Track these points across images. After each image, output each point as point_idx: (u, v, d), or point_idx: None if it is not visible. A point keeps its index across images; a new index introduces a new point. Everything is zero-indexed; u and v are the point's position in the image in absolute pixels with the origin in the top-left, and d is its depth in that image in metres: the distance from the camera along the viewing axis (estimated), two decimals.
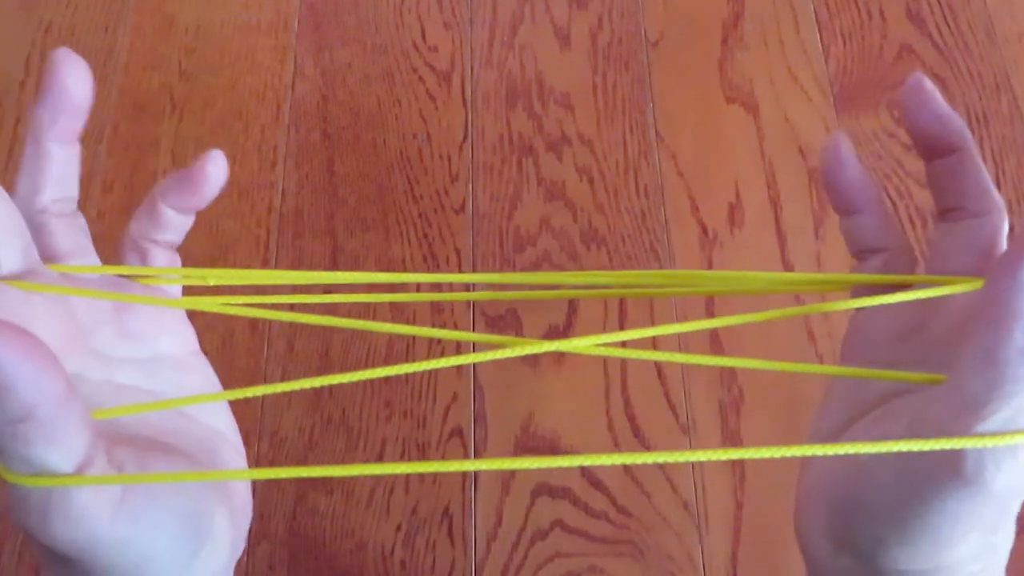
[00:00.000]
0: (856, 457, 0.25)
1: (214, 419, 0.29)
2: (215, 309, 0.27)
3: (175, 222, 0.28)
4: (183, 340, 0.29)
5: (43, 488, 0.20)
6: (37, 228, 0.26)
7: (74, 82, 0.25)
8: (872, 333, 0.30)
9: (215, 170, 0.28)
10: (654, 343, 0.68)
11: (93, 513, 0.21)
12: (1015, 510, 0.24)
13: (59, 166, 0.26)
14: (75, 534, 0.21)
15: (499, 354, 0.22)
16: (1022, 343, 0.20)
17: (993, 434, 0.21)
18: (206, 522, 0.25)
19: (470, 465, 0.20)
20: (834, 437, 0.28)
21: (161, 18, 0.82)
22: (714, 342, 0.68)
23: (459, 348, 0.68)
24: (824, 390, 0.31)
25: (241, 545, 0.28)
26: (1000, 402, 0.21)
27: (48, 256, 0.26)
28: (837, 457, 0.26)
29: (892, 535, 0.24)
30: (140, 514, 0.22)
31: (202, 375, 0.29)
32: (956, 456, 0.21)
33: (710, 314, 0.70)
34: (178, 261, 0.30)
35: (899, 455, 0.23)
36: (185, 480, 0.24)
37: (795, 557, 0.65)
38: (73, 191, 0.27)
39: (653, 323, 0.69)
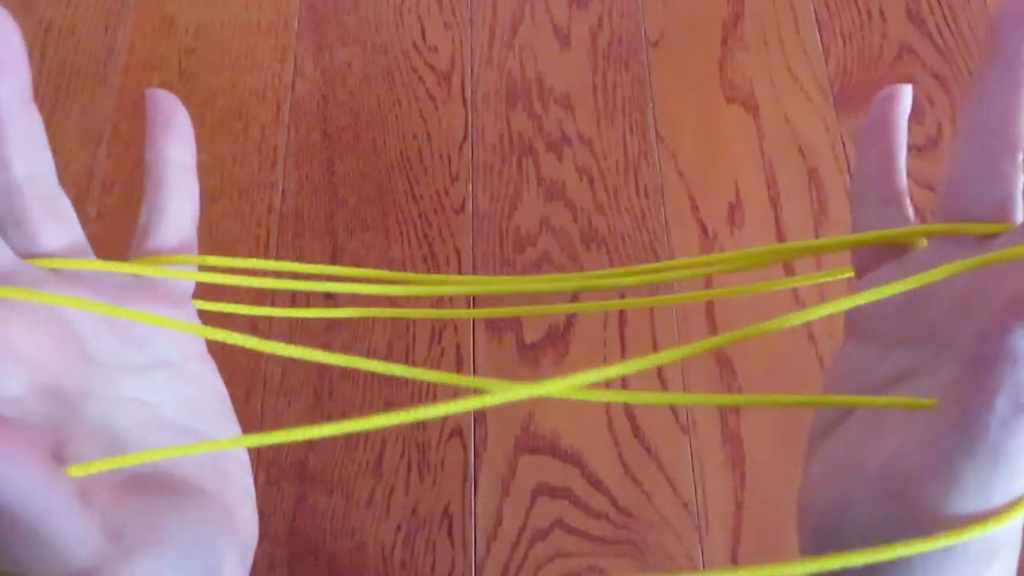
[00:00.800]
0: (837, 490, 0.24)
1: (221, 434, 0.27)
2: (214, 337, 0.25)
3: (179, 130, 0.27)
4: (189, 343, 0.27)
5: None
6: (14, 216, 0.23)
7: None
8: (873, 306, 0.27)
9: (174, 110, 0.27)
10: (654, 346, 0.68)
11: None
12: (1007, 557, 0.22)
13: (18, 130, 0.23)
14: None
15: (479, 401, 0.21)
16: (1005, 413, 0.18)
17: (966, 516, 0.19)
18: (215, 570, 0.23)
19: None
20: (833, 427, 0.27)
21: (161, 18, 0.82)
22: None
23: (458, 353, 0.68)
24: (824, 378, 0.30)
25: None
26: (975, 473, 0.19)
27: (32, 252, 0.23)
28: (823, 479, 0.25)
29: (876, 573, 0.22)
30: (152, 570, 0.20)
31: (209, 386, 0.27)
32: (930, 522, 0.20)
33: (711, 318, 0.70)
34: (194, 247, 0.27)
35: (874, 509, 0.21)
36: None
37: (795, 557, 0.65)
38: (48, 166, 0.24)
39: (653, 325, 0.69)
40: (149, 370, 0.25)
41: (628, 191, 0.74)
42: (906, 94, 0.28)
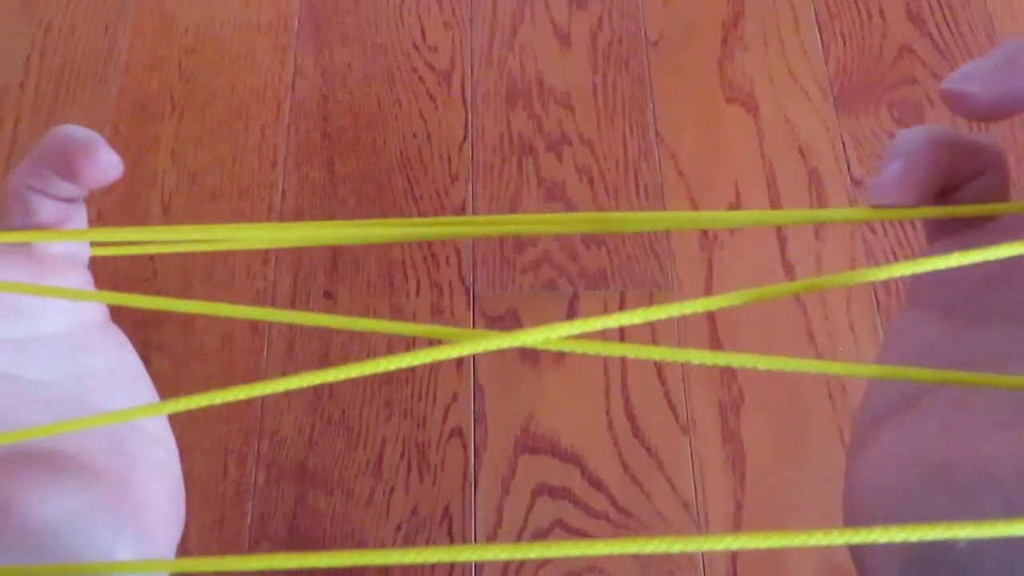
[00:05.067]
0: (938, 483, 0.20)
1: (126, 407, 0.24)
2: (101, 300, 0.22)
3: (62, 187, 0.24)
4: (78, 312, 0.24)
5: None
6: None
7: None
8: (950, 276, 0.22)
9: (108, 158, 0.23)
10: (653, 337, 0.68)
11: None
12: None
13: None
14: None
15: (449, 351, 0.19)
16: None
17: None
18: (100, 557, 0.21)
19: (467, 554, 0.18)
20: (897, 415, 0.22)
21: (161, 18, 0.82)
22: (714, 341, 0.68)
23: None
24: (887, 332, 0.25)
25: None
26: None
27: None
28: (908, 466, 0.21)
29: None
30: (20, 558, 0.19)
31: (106, 355, 0.24)
32: None
33: (710, 316, 0.70)
34: (83, 219, 0.25)
35: (1007, 509, 0.18)
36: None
37: (795, 557, 0.65)
38: None
39: (652, 325, 0.69)
40: (31, 343, 0.23)
41: (628, 191, 0.74)
42: None
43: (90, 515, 0.21)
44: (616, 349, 0.19)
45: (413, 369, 0.68)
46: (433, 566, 0.63)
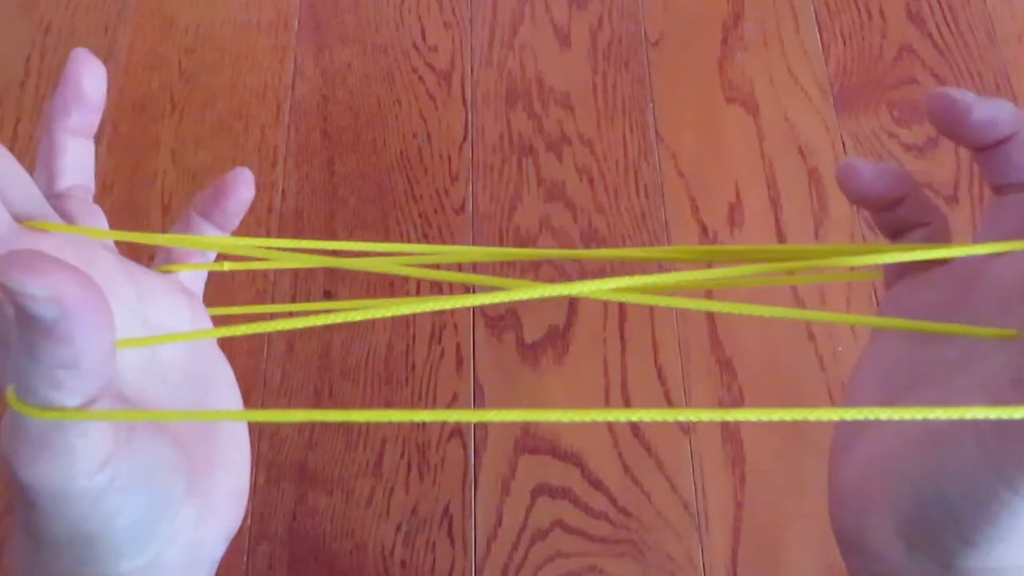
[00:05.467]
0: (923, 449, 0.22)
1: (226, 427, 0.28)
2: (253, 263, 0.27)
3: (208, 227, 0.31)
4: (202, 325, 0.29)
5: (45, 425, 0.20)
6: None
7: (88, 81, 0.26)
8: (911, 304, 0.27)
9: (244, 188, 0.30)
10: (654, 346, 0.68)
11: (82, 465, 0.20)
12: None
13: (72, 156, 0.27)
14: (58, 479, 0.20)
15: (502, 296, 0.21)
16: None
17: None
18: (168, 514, 0.24)
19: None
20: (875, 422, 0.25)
21: (161, 18, 0.82)
22: (714, 340, 0.68)
23: (458, 352, 0.68)
24: (857, 363, 0.28)
25: (208, 553, 0.26)
26: None
27: None
28: (894, 449, 0.23)
29: (982, 534, 0.21)
30: (118, 481, 0.21)
31: (218, 369, 0.29)
32: None
33: (710, 315, 0.70)
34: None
35: (980, 447, 0.21)
36: (195, 419, 0.24)
37: (795, 557, 0.65)
38: (89, 182, 0.27)
39: (653, 323, 0.69)
40: (161, 331, 0.27)
41: (628, 191, 0.74)
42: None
43: (173, 467, 0.24)
44: (666, 301, 0.22)
45: (413, 369, 0.68)
46: (433, 565, 0.63)
